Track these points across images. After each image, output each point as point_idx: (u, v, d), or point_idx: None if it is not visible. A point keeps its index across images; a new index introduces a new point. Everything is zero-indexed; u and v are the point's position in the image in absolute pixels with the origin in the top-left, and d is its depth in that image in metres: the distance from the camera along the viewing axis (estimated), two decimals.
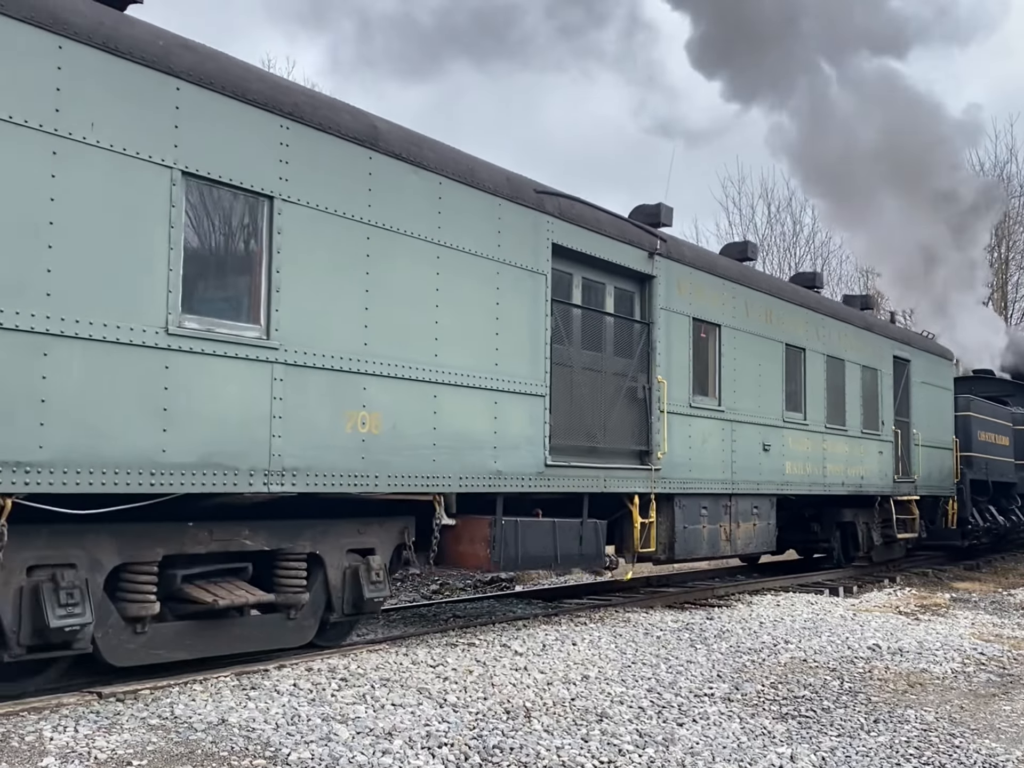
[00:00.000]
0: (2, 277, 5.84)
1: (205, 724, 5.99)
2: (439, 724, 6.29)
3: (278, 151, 7.41)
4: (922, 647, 9.91)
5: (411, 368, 8.37)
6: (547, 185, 10.18)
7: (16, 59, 5.96)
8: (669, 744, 6.23)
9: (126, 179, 6.49)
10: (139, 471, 6.46)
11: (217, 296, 7.08)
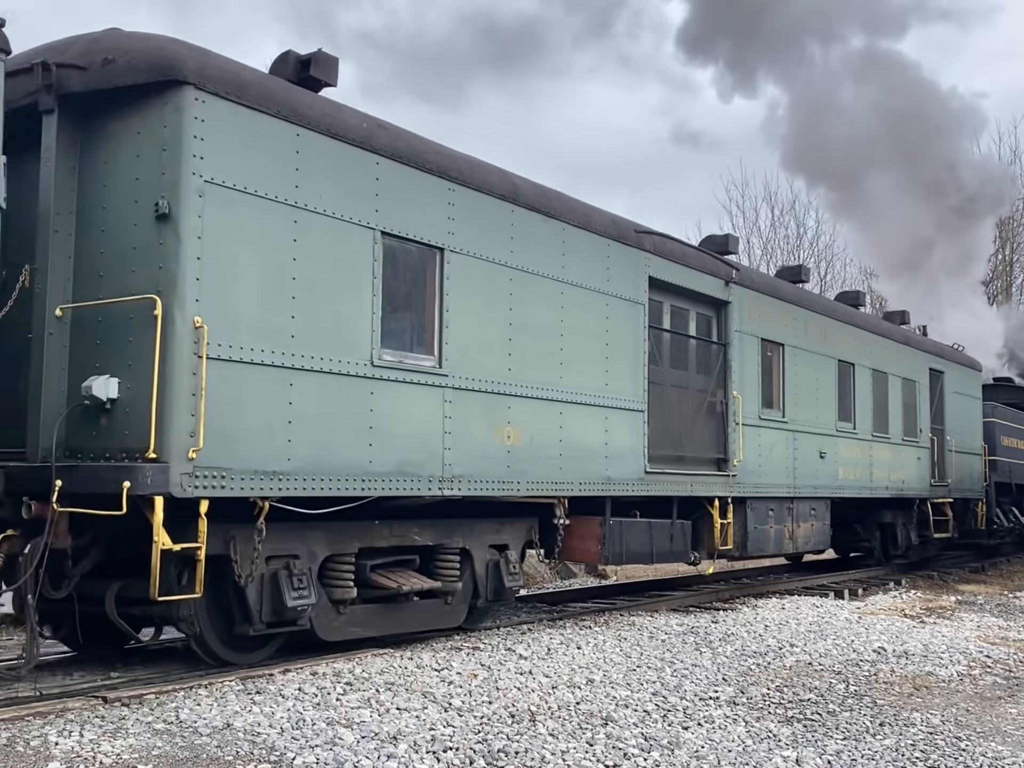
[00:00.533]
0: (261, 323, 7.28)
1: (210, 728, 5.99)
2: (444, 728, 6.29)
3: (447, 210, 8.88)
4: (928, 650, 9.89)
5: (543, 389, 9.82)
6: (644, 225, 11.71)
7: (269, 145, 7.43)
8: (674, 748, 6.22)
9: (343, 240, 7.91)
10: (353, 478, 7.88)
11: (403, 333, 8.53)
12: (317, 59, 8.12)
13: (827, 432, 14.94)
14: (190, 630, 7.67)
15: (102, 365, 6.94)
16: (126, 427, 6.81)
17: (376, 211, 8.19)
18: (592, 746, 6.14)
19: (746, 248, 41.39)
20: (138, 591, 6.92)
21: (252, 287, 7.26)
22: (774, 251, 41.34)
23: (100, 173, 7.19)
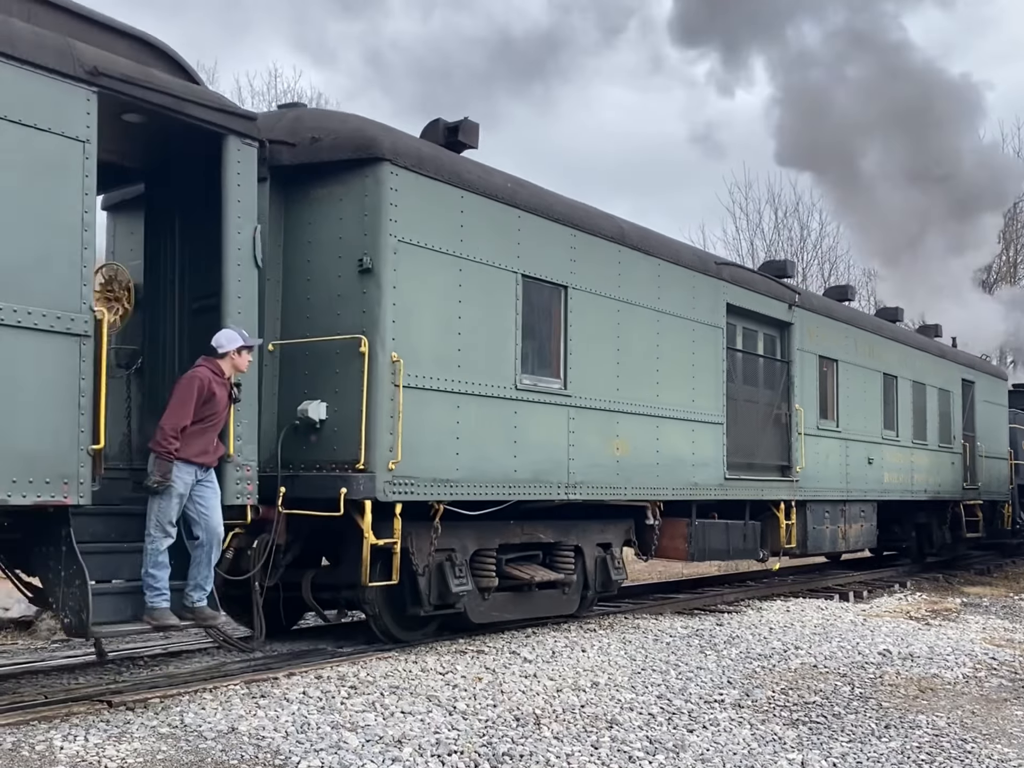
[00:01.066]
0: (437, 355, 8.67)
1: (215, 732, 6.00)
2: (449, 731, 6.29)
3: (569, 253, 10.21)
4: (933, 652, 9.88)
5: (644, 406, 11.10)
6: (722, 256, 13.70)
7: (441, 207, 8.82)
8: (679, 751, 6.22)
9: (494, 283, 9.30)
10: (502, 485, 9.25)
11: (537, 360, 9.85)
12: (463, 126, 9.45)
13: (874, 440, 16.33)
14: (371, 611, 9.00)
15: (310, 392, 8.25)
16: (335, 443, 8.19)
17: (518, 257, 9.58)
18: (597, 749, 6.14)
19: (750, 250, 41.40)
20: (329, 578, 8.80)
21: (430, 326, 8.70)
22: (777, 253, 41.28)
23: (305, 232, 8.51)
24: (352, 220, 8.35)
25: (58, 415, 6.24)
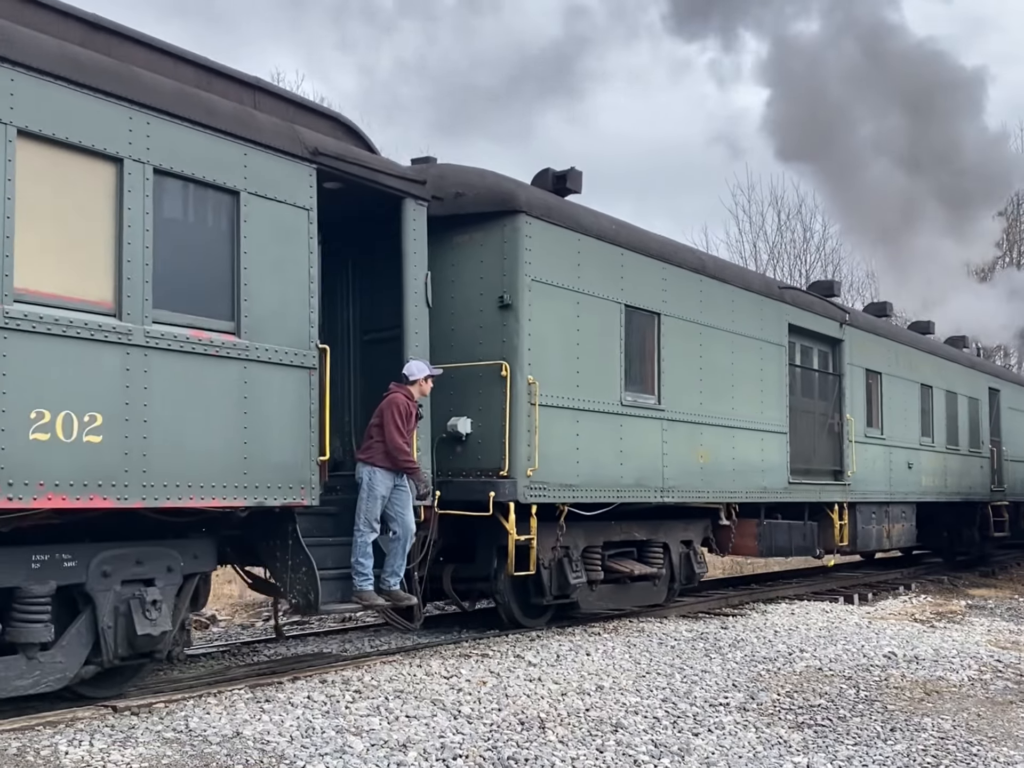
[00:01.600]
0: (562, 377, 10.04)
1: (220, 737, 6.00)
2: (453, 735, 6.29)
3: (661, 283, 11.58)
4: (938, 655, 9.85)
5: (722, 418, 12.39)
6: (786, 282, 14.97)
7: (563, 249, 10.22)
8: (685, 754, 6.21)
9: (603, 313, 10.68)
10: (612, 489, 10.59)
11: (636, 379, 11.14)
12: (570, 174, 10.87)
13: (913, 446, 17.75)
14: (501, 600, 10.27)
15: (455, 409, 9.56)
16: (479, 453, 9.58)
17: (621, 289, 10.94)
18: (602, 753, 6.13)
19: (752, 253, 41.36)
20: (465, 572, 10.16)
21: (557, 352, 10.07)
22: (780, 255, 41.25)
23: (448, 272, 9.68)
24: (492, 262, 9.79)
25: (297, 433, 7.68)
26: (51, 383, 6.20)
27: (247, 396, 7.32)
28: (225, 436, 7.17)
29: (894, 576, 18.31)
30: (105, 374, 6.51)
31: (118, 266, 6.62)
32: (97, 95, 6.54)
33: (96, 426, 6.42)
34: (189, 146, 7.08)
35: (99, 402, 6.44)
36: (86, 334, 6.39)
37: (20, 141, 6.11)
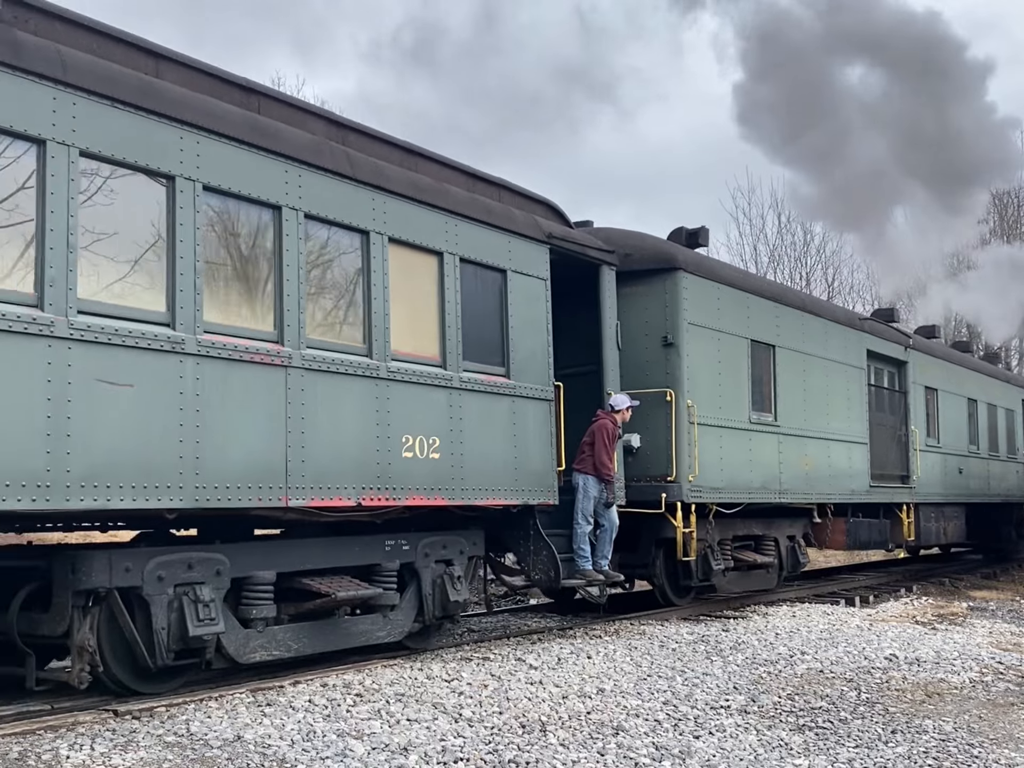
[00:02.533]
0: (709, 401, 12.38)
1: (221, 741, 6.00)
2: (454, 739, 6.28)
3: (775, 320, 14.07)
4: (939, 657, 9.85)
5: (820, 432, 14.84)
6: (864, 313, 18.57)
7: (708, 297, 12.64)
8: (686, 757, 6.20)
9: (734, 347, 13.11)
10: (744, 491, 12.98)
11: (759, 401, 13.57)
12: (700, 232, 13.34)
13: (963, 454, 20.34)
14: (657, 582, 12.55)
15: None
16: (648, 463, 11.92)
17: (747, 327, 13.38)
18: (603, 756, 6.13)
19: (753, 255, 41.39)
20: (628, 559, 12.07)
21: (705, 380, 12.43)
22: (781, 258, 41.29)
23: (621, 317, 11.62)
24: (656, 309, 12.24)
25: (543, 449, 10.16)
26: (412, 416, 8.75)
27: (515, 422, 9.87)
28: (504, 452, 9.68)
29: (895, 578, 18.30)
30: (439, 409, 9.05)
31: (442, 330, 9.18)
32: (431, 209, 9.18)
33: (436, 446, 8.96)
34: (478, 240, 9.66)
35: (437, 429, 8.97)
36: (429, 381, 8.96)
37: (390, 246, 8.72)
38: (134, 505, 6.70)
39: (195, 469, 7.03)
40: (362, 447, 8.27)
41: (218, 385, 7.26)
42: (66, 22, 6.98)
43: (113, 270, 6.82)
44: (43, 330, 6.28)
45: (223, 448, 7.23)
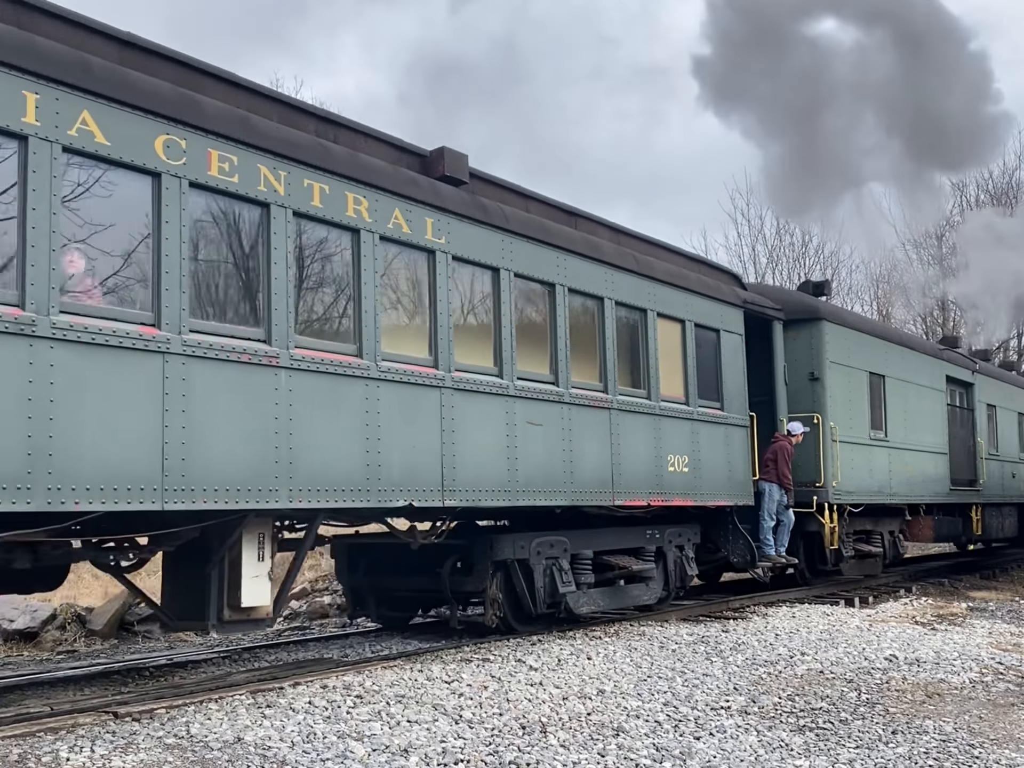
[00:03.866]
0: (843, 421, 15.57)
1: (221, 743, 5.99)
2: (455, 740, 6.28)
3: (884, 356, 17.35)
4: (939, 657, 9.85)
5: (916, 445, 18.01)
6: (942, 346, 21.42)
7: (846, 340, 16.00)
8: (687, 758, 6.20)
9: (858, 378, 16.31)
10: (866, 494, 16.04)
11: (875, 421, 16.66)
12: (825, 285, 16.89)
13: (1015, 460, 23.68)
14: (800, 565, 15.45)
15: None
16: (800, 472, 14.55)
17: (867, 361, 16.62)
18: (604, 757, 6.13)
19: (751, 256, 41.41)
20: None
21: (840, 406, 15.56)
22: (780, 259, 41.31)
23: (777, 351, 14.69)
24: (804, 351, 15.33)
25: (744, 463, 13.43)
26: (672, 441, 12.03)
27: (727, 444, 13.09)
28: (722, 466, 12.94)
29: (894, 579, 18.30)
30: (686, 435, 12.32)
31: (685, 377, 12.42)
32: (679, 290, 12.41)
33: (685, 462, 12.21)
34: (703, 309, 12.88)
35: (685, 450, 12.25)
36: (680, 415, 12.26)
37: (659, 319, 12.00)
38: (544, 503, 10.15)
39: (571, 480, 10.41)
40: (649, 464, 11.64)
41: (582, 419, 10.68)
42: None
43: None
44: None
45: (583, 465, 10.59)
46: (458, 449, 9.11)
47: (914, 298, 40.78)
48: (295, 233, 7.99)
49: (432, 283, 9.17)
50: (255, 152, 7.71)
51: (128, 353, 6.67)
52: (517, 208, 10.55)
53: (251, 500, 7.34)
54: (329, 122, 8.96)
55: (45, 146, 6.41)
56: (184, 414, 6.92)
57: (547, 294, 10.43)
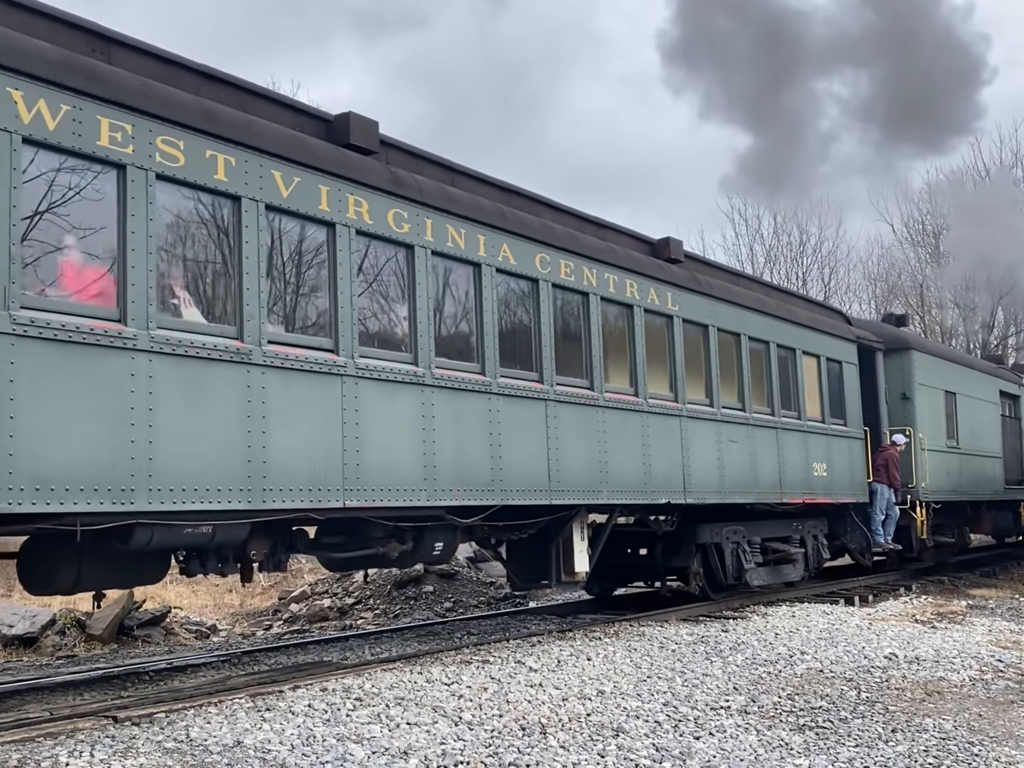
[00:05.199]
0: (931, 432, 18.53)
1: (221, 747, 5.99)
2: (455, 742, 6.28)
3: (955, 375, 20.34)
4: (939, 655, 9.85)
5: (978, 450, 20.86)
6: (993, 363, 24.73)
7: (928, 364, 19.39)
8: (686, 758, 6.20)
9: (936, 396, 19.22)
10: (943, 493, 18.63)
11: (950, 431, 19.49)
12: (904, 317, 20.53)
13: None
14: (891, 553, 18.13)
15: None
16: None
17: (943, 382, 19.45)
18: (603, 757, 6.13)
19: (749, 255, 41.44)
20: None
21: (926, 420, 18.23)
22: (777, 258, 41.34)
23: (879, 377, 17.48)
24: (896, 375, 17.97)
25: (862, 468, 16.40)
26: (815, 452, 15.16)
27: (850, 453, 16.11)
28: (846, 470, 15.91)
29: (894, 578, 18.31)
30: (824, 446, 15.40)
31: (821, 400, 15.48)
32: (815, 332, 15.63)
33: (824, 468, 15.23)
34: (832, 345, 16.03)
35: (824, 458, 15.32)
36: (819, 431, 15.29)
37: (803, 356, 15.06)
38: (740, 500, 13.37)
39: (755, 482, 13.57)
40: (801, 469, 14.66)
41: (761, 437, 13.85)
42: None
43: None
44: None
45: (762, 472, 13.78)
46: (692, 461, 12.33)
47: (912, 297, 40.84)
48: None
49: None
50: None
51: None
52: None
53: (585, 498, 10.60)
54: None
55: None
56: (556, 439, 10.27)
57: (735, 342, 13.63)
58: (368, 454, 8.19)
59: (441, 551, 9.72)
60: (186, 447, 6.92)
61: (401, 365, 8.66)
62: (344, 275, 8.26)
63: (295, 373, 7.75)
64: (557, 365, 10.32)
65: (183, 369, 7.00)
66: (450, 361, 9.20)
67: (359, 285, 8.48)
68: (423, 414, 8.78)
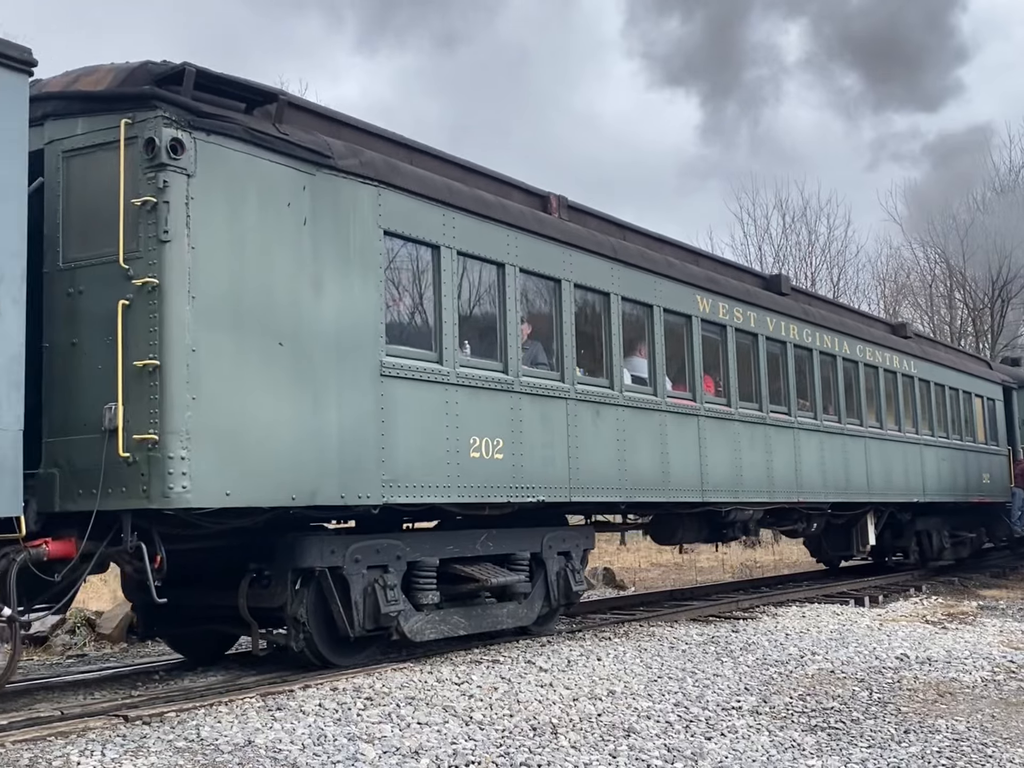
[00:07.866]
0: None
1: (232, 746, 5.98)
2: (465, 742, 6.27)
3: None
4: (951, 656, 9.81)
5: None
6: None
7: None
8: (698, 759, 6.18)
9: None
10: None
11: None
12: (1018, 360, 25.43)
13: None
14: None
15: None
16: None
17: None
18: (615, 758, 6.11)
19: (758, 255, 41.36)
20: None
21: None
22: (786, 258, 41.24)
23: (1014, 408, 23.26)
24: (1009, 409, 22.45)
25: (1005, 476, 21.91)
26: (983, 464, 20.82)
27: (1000, 465, 21.52)
28: (995, 478, 21.00)
29: (904, 578, 18.26)
30: (987, 461, 20.90)
31: (985, 430, 21.17)
32: (979, 380, 21.22)
33: (988, 477, 20.72)
34: (986, 387, 21.29)
35: (987, 469, 20.89)
36: (987, 450, 21.19)
37: (974, 397, 20.98)
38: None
39: (939, 485, 18.40)
40: (976, 477, 19.53)
41: (929, 455, 18.27)
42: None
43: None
44: None
45: (961, 474, 19.39)
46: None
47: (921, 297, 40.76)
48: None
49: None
50: None
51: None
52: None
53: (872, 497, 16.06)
54: None
55: None
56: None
57: (940, 391, 18.93)
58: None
59: None
60: None
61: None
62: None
63: None
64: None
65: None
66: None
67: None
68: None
